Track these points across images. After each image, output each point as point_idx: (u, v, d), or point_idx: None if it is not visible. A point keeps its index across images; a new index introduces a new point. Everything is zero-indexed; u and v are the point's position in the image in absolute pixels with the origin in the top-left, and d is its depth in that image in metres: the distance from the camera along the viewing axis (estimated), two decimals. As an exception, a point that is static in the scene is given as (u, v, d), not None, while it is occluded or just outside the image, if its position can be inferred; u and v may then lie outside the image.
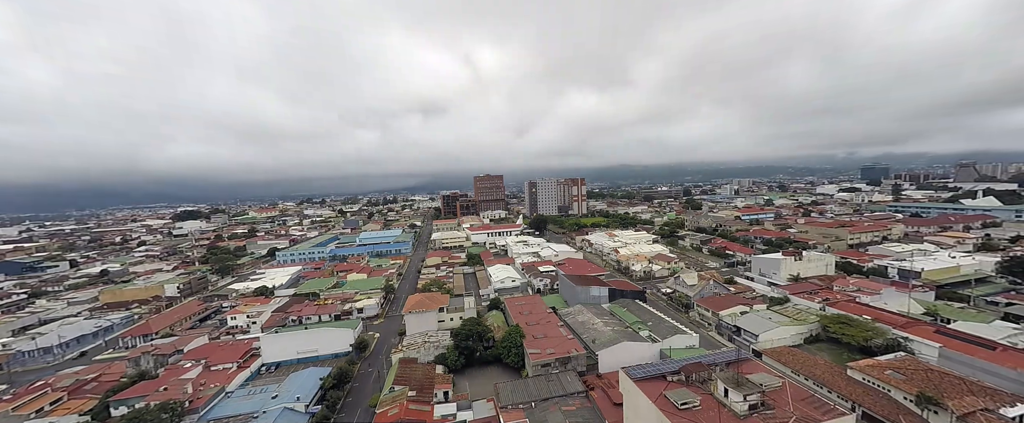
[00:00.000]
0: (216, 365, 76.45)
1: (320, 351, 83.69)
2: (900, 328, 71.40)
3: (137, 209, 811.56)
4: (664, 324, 79.37)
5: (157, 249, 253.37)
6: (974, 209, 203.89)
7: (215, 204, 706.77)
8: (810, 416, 36.07)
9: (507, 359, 74.06)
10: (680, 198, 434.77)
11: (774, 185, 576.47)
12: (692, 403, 38.59)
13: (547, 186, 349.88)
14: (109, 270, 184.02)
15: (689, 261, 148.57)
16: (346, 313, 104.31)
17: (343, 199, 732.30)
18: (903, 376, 55.48)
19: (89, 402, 68.06)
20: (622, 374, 44.83)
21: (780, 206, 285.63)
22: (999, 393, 50.19)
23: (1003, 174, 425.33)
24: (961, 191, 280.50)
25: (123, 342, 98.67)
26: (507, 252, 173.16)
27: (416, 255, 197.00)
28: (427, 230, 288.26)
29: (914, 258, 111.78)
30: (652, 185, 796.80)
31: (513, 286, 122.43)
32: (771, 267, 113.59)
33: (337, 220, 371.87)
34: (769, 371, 46.01)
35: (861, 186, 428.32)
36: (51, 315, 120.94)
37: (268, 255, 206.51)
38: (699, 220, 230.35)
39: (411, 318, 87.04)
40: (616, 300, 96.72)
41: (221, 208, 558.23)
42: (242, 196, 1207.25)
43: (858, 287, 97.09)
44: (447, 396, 62.84)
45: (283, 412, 59.50)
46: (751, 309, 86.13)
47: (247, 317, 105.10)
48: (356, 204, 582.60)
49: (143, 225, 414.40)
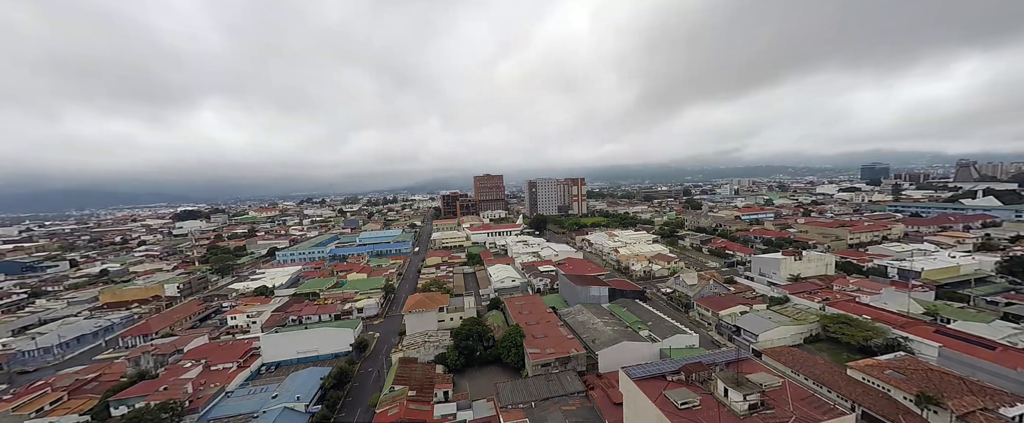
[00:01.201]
0: (216, 365, 76.49)
1: (320, 351, 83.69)
2: (900, 328, 71.45)
3: (137, 209, 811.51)
4: (664, 324, 79.38)
5: (157, 249, 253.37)
6: (974, 209, 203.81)
7: (215, 204, 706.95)
8: (810, 416, 36.06)
9: (507, 359, 74.08)
10: (680, 198, 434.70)
11: (774, 185, 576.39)
12: (692, 403, 38.57)
13: (547, 186, 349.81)
14: (109, 270, 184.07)
15: (689, 261, 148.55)
16: (346, 313, 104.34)
17: (343, 199, 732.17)
18: (903, 376, 55.48)
19: (89, 402, 68.04)
20: (622, 374, 44.79)
21: (780, 206, 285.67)
22: (999, 393, 50.20)
23: (1003, 174, 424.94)
24: (961, 191, 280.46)
25: (123, 342, 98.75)
26: (507, 252, 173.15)
27: (416, 255, 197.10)
28: (427, 230, 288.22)
29: (914, 258, 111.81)
30: (652, 185, 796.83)
31: (513, 286, 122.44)
32: (771, 267, 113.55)
33: (337, 220, 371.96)
34: (769, 371, 45.98)
35: (861, 186, 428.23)
36: (51, 315, 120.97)
37: (268, 255, 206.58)
38: (699, 220, 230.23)
39: (411, 318, 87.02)
40: (616, 300, 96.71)
41: (221, 208, 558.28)
42: (242, 196, 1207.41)
43: (858, 287, 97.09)
44: (447, 396, 62.83)
45: (283, 412, 59.50)
46: (751, 309, 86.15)
47: (247, 317, 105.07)
48: (356, 204, 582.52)
49: (143, 225, 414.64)
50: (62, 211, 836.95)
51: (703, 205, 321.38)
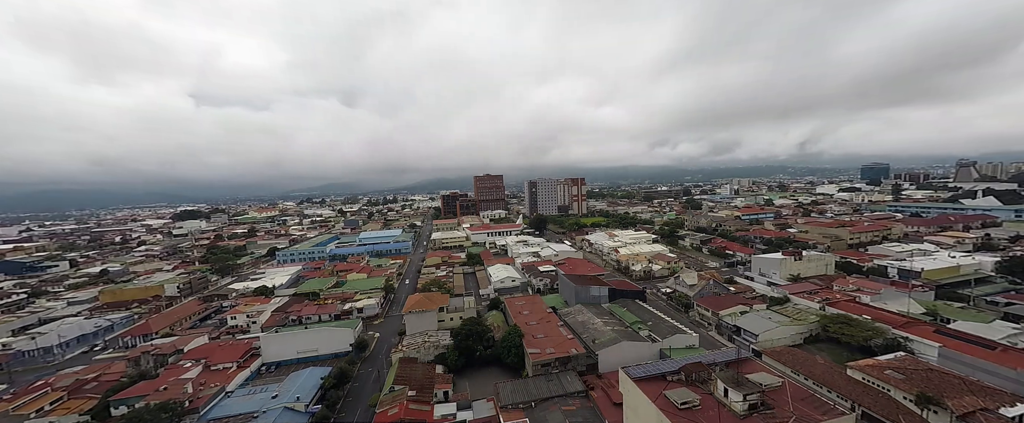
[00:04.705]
0: (216, 365, 76.44)
1: (320, 351, 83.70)
2: (900, 328, 71.40)
3: (137, 209, 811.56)
4: (664, 324, 79.35)
5: (157, 249, 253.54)
6: (974, 209, 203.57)
7: (215, 204, 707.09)
8: (810, 416, 36.09)
9: (507, 359, 74.02)
10: (680, 198, 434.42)
11: (774, 185, 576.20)
12: (692, 403, 38.60)
13: (547, 186, 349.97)
14: (109, 270, 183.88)
15: (689, 261, 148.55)
16: (346, 313, 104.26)
17: (343, 199, 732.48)
18: (903, 376, 55.49)
19: (89, 402, 68.01)
20: (622, 374, 44.82)
21: (780, 206, 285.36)
22: (999, 393, 50.22)
23: (1003, 174, 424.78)
24: (961, 191, 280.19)
25: (123, 342, 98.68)
26: (507, 252, 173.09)
27: (416, 255, 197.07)
28: (427, 230, 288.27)
29: (914, 258, 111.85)
30: (652, 185, 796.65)
31: (513, 286, 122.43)
32: (771, 267, 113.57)
33: (337, 220, 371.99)
34: (769, 371, 45.99)
35: (861, 186, 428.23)
36: (51, 315, 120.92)
37: (268, 255, 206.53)
38: (699, 220, 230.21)
39: (411, 318, 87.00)
40: (616, 300, 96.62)
41: (221, 208, 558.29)
42: (242, 196, 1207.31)
43: (858, 287, 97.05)
44: (447, 396, 62.88)
45: (283, 412, 59.54)
46: (751, 309, 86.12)
47: (247, 317, 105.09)
48: (356, 204, 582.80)
49: (143, 225, 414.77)
50: (62, 211, 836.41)
51: (703, 205, 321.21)
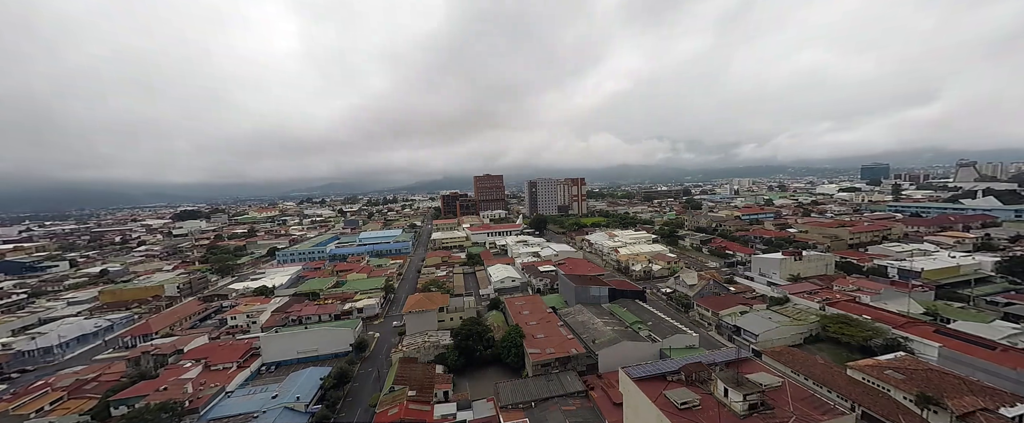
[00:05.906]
0: (216, 365, 76.47)
1: (320, 351, 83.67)
2: (900, 328, 71.41)
3: (137, 209, 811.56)
4: (664, 324, 79.36)
5: (157, 249, 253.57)
6: (974, 209, 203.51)
7: (215, 204, 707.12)
8: (810, 416, 36.06)
9: (507, 359, 74.04)
10: (680, 198, 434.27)
11: (774, 185, 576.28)
12: (692, 403, 38.55)
13: (547, 186, 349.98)
14: (109, 270, 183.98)
15: (689, 261, 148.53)
16: (346, 313, 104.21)
17: (343, 199, 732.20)
18: (903, 376, 55.48)
19: (89, 402, 68.05)
20: (622, 374, 44.78)
21: (780, 206, 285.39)
22: (999, 393, 50.19)
23: (1003, 174, 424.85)
24: (961, 191, 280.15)
25: (123, 342, 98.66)
26: (507, 252, 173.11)
27: (416, 255, 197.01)
28: (427, 230, 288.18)
29: (914, 258, 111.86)
30: (652, 185, 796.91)
31: (513, 286, 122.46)
32: (771, 267, 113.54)
33: (337, 220, 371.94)
34: (769, 371, 45.95)
35: (861, 186, 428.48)
36: (51, 315, 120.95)
37: (268, 255, 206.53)
38: (699, 220, 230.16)
39: (411, 318, 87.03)
40: (616, 300, 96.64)
41: (221, 208, 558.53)
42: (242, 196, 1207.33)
43: (858, 287, 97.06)
44: (447, 396, 62.82)
45: (283, 412, 59.57)
46: (751, 309, 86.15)
47: (247, 317, 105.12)
48: (356, 204, 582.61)
49: (143, 225, 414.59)
50: (62, 211, 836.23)
51: (703, 205, 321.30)
